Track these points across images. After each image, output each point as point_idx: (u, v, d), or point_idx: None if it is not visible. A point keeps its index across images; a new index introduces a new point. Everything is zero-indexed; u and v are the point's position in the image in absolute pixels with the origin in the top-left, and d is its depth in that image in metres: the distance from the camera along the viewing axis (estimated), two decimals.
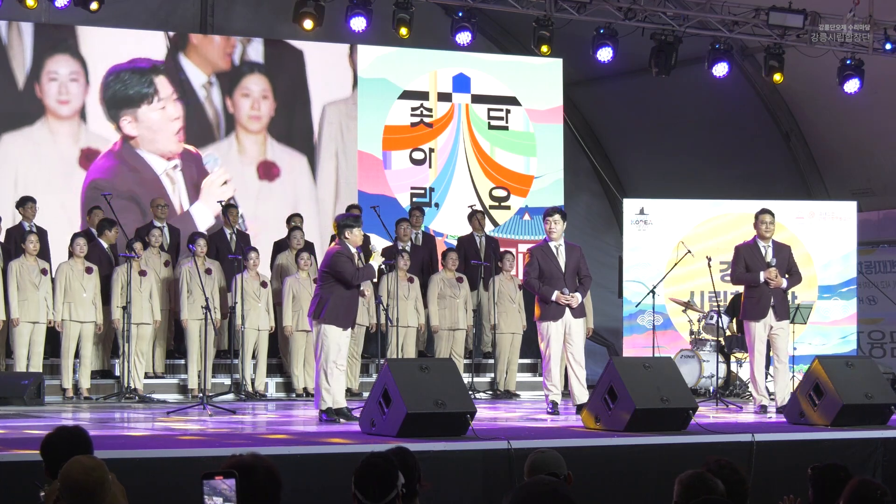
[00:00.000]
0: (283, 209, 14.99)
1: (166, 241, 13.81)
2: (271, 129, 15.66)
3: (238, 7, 16.70)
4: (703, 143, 18.02)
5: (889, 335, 16.93)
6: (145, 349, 12.90)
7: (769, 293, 11.13)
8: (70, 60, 14.87)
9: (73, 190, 14.68)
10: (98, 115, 14.98)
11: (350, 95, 16.00)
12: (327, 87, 15.94)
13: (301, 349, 13.34)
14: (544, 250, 10.93)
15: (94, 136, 14.92)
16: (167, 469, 6.84)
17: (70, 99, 14.86)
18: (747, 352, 13.82)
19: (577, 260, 10.93)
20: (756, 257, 11.23)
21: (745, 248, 11.37)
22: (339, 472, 6.83)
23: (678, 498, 4.38)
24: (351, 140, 15.93)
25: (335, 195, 15.83)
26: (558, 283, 10.79)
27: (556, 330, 10.80)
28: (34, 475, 6.26)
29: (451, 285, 13.84)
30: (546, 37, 14.34)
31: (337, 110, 15.95)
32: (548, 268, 10.83)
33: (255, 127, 15.54)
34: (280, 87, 15.73)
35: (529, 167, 16.64)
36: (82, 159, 14.86)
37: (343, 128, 15.90)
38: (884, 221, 17.01)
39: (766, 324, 11.14)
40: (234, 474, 3.74)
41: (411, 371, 8.48)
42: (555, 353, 10.82)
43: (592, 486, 7.55)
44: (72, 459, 4.29)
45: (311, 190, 15.76)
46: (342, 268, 9.74)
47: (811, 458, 6.12)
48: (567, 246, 10.98)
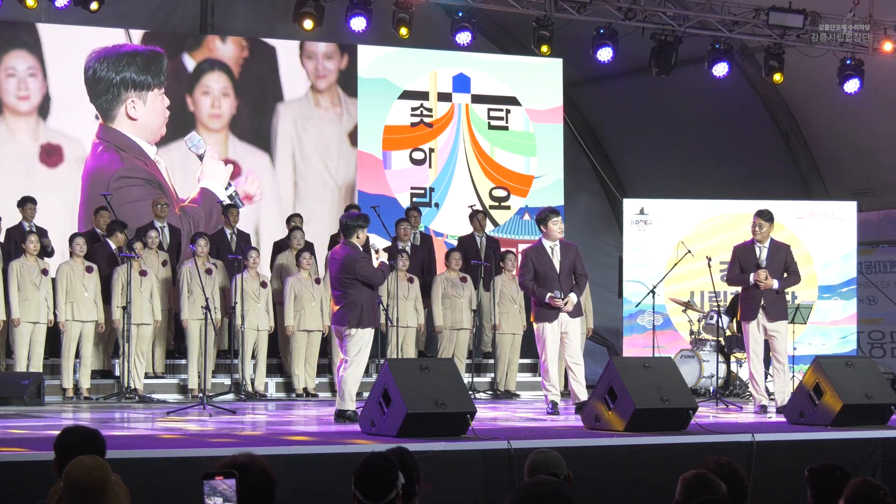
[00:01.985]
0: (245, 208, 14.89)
1: (165, 240, 13.80)
2: (233, 128, 15.56)
3: (238, 7, 16.70)
4: (703, 143, 18.02)
5: (889, 335, 16.93)
6: (146, 349, 12.90)
7: (759, 294, 11.13)
8: (28, 56, 14.71)
9: (33, 189, 14.29)
10: (61, 110, 14.74)
11: (304, 95, 15.81)
12: (288, 86, 15.78)
13: (301, 349, 13.34)
14: (538, 251, 10.90)
15: (53, 132, 14.76)
16: (167, 469, 6.84)
17: (29, 94, 14.71)
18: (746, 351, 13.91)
19: (573, 259, 10.89)
20: (749, 258, 11.24)
21: (741, 248, 11.39)
22: (339, 472, 6.83)
23: (680, 497, 4.38)
24: (308, 140, 15.79)
25: (294, 194, 15.68)
26: (553, 284, 10.74)
27: (553, 331, 10.78)
28: (34, 475, 6.27)
29: (455, 285, 13.84)
30: (546, 37, 14.34)
31: (292, 109, 15.79)
32: (542, 268, 10.81)
33: (217, 125, 15.43)
34: (242, 85, 15.59)
35: (529, 167, 16.64)
36: (42, 155, 14.73)
37: (298, 127, 15.76)
38: (884, 221, 17.01)
39: (760, 324, 11.14)
40: (234, 474, 3.75)
41: (411, 371, 8.48)
42: (552, 354, 10.81)
43: (592, 486, 7.54)
44: (75, 459, 4.29)
45: (274, 188, 15.65)
46: (370, 272, 9.78)
47: (811, 458, 6.12)
48: (562, 245, 10.94)
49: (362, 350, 9.78)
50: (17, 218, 13.37)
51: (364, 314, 9.75)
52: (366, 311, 9.78)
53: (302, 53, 15.85)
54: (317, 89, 15.89)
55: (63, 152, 14.81)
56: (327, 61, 15.96)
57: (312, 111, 15.84)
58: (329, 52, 15.95)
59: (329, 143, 15.89)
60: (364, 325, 9.77)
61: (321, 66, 15.93)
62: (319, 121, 15.87)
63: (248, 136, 15.60)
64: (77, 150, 14.83)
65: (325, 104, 15.92)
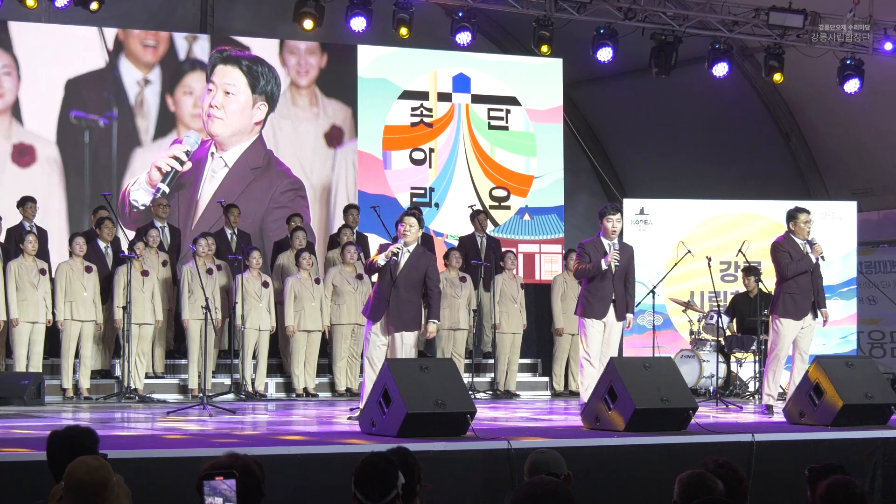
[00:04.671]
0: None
1: (166, 240, 13.81)
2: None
3: (238, 7, 16.71)
4: (703, 143, 18.03)
5: (889, 335, 16.93)
6: (146, 349, 12.90)
7: (810, 290, 10.81)
8: (2, 54, 14.67)
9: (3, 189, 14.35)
10: (32, 110, 14.69)
11: (283, 92, 15.74)
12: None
13: (301, 349, 13.35)
14: (596, 245, 10.55)
15: (26, 132, 14.70)
16: (167, 469, 6.84)
17: (3, 93, 14.65)
18: (746, 351, 13.89)
19: (628, 261, 10.56)
20: (797, 251, 10.90)
21: (787, 241, 10.98)
22: (339, 472, 6.82)
23: (678, 498, 4.38)
24: (284, 138, 15.76)
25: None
26: (606, 283, 10.43)
27: (596, 329, 10.44)
28: (34, 475, 6.27)
29: (454, 285, 13.84)
30: (546, 37, 14.34)
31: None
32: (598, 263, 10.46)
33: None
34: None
35: (529, 167, 16.64)
36: (15, 154, 14.64)
37: (275, 126, 15.75)
38: (884, 221, 17.01)
39: (800, 325, 10.80)
40: (234, 474, 3.76)
41: (411, 371, 8.48)
42: (594, 351, 10.43)
43: (592, 486, 7.54)
44: (77, 459, 4.30)
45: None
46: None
47: (811, 458, 6.12)
48: (622, 246, 10.60)
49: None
50: (17, 218, 13.36)
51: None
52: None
53: (282, 50, 15.83)
54: (297, 86, 15.85)
55: (35, 152, 14.75)
56: (310, 57, 15.94)
57: (290, 110, 15.84)
58: (312, 48, 15.94)
59: (305, 142, 15.88)
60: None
61: (304, 61, 15.90)
62: (296, 120, 15.86)
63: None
64: (49, 150, 14.75)
65: (302, 103, 15.90)
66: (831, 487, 4.32)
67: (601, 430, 8.82)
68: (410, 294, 9.75)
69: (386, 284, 9.74)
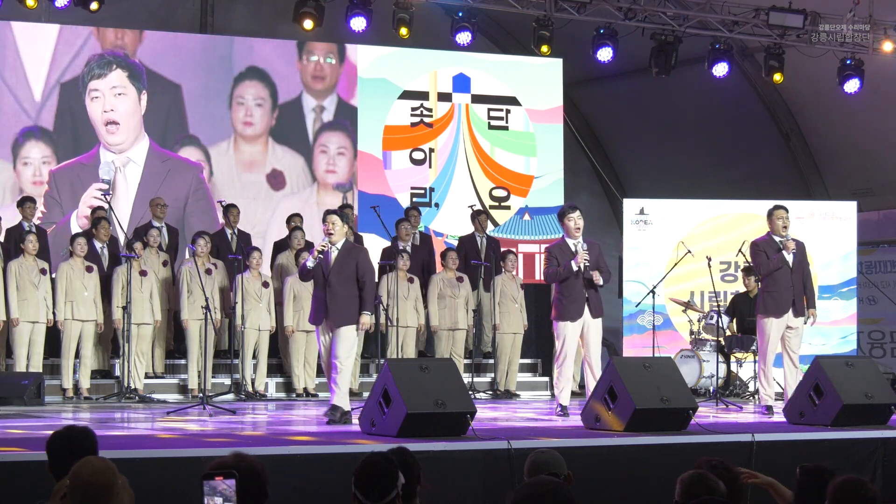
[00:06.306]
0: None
1: (164, 240, 13.80)
2: None
3: (238, 7, 16.71)
4: (704, 143, 18.03)
5: (889, 335, 16.93)
6: (146, 349, 12.90)
7: (791, 289, 10.78)
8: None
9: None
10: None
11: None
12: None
13: (301, 349, 13.35)
14: (562, 247, 10.64)
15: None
16: (167, 469, 6.84)
17: None
18: (746, 351, 13.88)
19: (597, 257, 10.61)
20: (774, 249, 11.01)
21: (765, 243, 11.02)
22: (339, 472, 6.82)
23: (679, 498, 4.38)
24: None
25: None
26: (578, 284, 10.46)
27: (573, 330, 10.52)
28: (34, 475, 6.26)
29: (452, 285, 13.84)
30: (546, 37, 14.35)
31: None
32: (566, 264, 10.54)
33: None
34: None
35: (529, 167, 16.64)
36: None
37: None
38: (884, 221, 17.01)
39: (784, 323, 10.80)
40: (234, 474, 3.75)
41: (411, 371, 8.48)
42: (570, 354, 10.53)
43: (592, 486, 7.54)
44: (84, 459, 4.29)
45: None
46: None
47: (811, 459, 6.13)
48: (588, 244, 10.65)
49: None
50: (17, 218, 13.36)
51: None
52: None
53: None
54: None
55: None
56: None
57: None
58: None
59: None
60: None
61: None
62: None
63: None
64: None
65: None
66: (844, 487, 4.30)
67: (601, 430, 8.83)
68: (346, 290, 9.72)
69: (320, 285, 9.77)
